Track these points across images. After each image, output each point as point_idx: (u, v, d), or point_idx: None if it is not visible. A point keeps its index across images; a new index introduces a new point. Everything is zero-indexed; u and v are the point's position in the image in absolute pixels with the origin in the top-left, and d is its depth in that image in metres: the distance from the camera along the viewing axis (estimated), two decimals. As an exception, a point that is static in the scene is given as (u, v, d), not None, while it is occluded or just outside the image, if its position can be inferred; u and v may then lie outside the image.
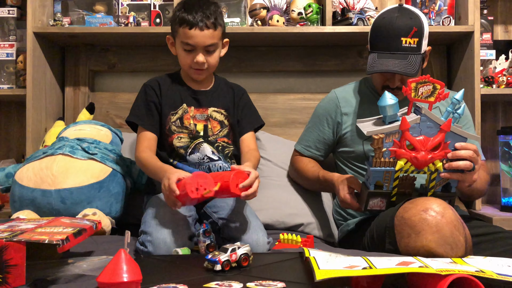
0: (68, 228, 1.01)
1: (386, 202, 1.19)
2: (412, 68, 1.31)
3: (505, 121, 2.11)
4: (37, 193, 1.37)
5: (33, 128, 1.80)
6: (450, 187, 1.22)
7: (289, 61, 2.04)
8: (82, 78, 2.03)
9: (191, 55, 1.36)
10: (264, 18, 1.86)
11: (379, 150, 1.14)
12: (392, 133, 1.14)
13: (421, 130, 1.14)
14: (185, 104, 1.42)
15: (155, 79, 1.47)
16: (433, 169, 1.16)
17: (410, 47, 1.32)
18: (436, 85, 1.14)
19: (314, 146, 1.55)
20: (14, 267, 0.85)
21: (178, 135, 1.40)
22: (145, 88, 1.45)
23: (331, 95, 1.56)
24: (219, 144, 1.43)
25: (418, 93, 1.13)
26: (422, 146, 1.13)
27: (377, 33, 1.38)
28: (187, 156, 1.40)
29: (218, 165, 1.41)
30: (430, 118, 1.14)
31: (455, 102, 1.16)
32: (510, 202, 1.84)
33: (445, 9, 1.89)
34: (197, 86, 1.46)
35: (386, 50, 1.34)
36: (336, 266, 0.80)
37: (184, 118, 1.41)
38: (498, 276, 0.78)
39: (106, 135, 1.62)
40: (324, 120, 1.53)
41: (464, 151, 1.15)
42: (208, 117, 1.43)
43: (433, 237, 0.99)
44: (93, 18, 1.84)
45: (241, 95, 1.52)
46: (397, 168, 1.15)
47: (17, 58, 1.90)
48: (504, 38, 2.11)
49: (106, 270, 0.74)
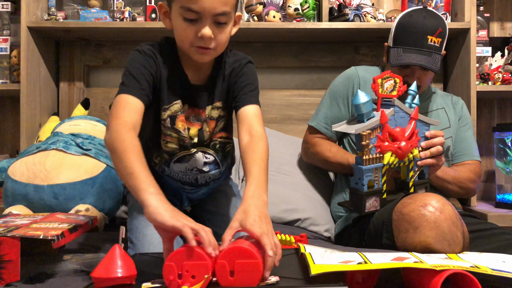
0: (64, 223, 1.01)
1: (380, 200, 1.20)
2: (435, 65, 1.39)
3: (500, 118, 2.12)
4: (29, 188, 1.36)
5: (27, 124, 1.79)
6: (424, 174, 1.28)
7: (285, 57, 2.04)
8: (77, 73, 2.02)
9: (194, 28, 0.98)
10: (261, 13, 1.86)
11: (367, 147, 1.15)
12: (374, 128, 1.16)
13: (396, 121, 1.20)
14: (180, 100, 1.10)
15: (149, 48, 1.07)
16: (411, 157, 1.22)
17: (434, 45, 1.40)
18: (396, 79, 1.19)
19: (331, 124, 1.50)
20: (8, 262, 0.85)
21: (165, 138, 1.12)
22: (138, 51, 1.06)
23: (352, 72, 1.55)
24: (216, 142, 1.17)
25: (383, 88, 1.17)
26: (401, 136, 1.19)
27: (404, 30, 1.43)
28: (172, 163, 1.15)
29: (207, 177, 1.19)
30: (402, 109, 1.21)
31: (413, 94, 1.25)
32: (505, 198, 1.85)
33: (442, 5, 1.89)
34: (195, 74, 1.11)
35: (413, 46, 1.39)
36: (331, 261, 0.80)
37: (177, 118, 1.10)
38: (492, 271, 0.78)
39: (101, 131, 1.61)
40: (341, 99, 1.53)
41: (437, 138, 1.26)
42: (206, 120, 1.14)
43: (431, 232, 0.99)
44: (88, 13, 1.83)
45: (240, 65, 1.13)
46: (385, 162, 1.17)
47: (11, 52, 1.89)
48: (500, 35, 2.11)
49: (100, 265, 0.74)
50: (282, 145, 1.72)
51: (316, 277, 0.73)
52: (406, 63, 1.39)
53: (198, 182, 1.20)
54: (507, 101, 2.12)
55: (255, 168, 0.92)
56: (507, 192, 1.88)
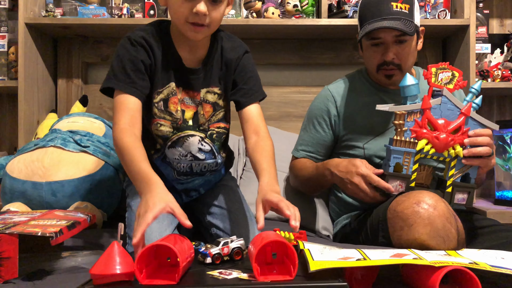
0: (62, 221, 1.01)
1: (406, 186, 1.16)
2: (408, 28, 1.23)
3: (499, 115, 2.12)
4: (27, 185, 1.36)
5: (25, 121, 1.78)
6: (469, 179, 1.20)
7: (284, 54, 2.03)
8: (75, 70, 2.01)
9: (189, 4, 1.02)
10: (259, 10, 1.85)
11: (400, 128, 1.13)
12: (414, 111, 1.13)
13: (442, 112, 1.15)
14: (173, 83, 1.12)
15: (141, 35, 1.08)
16: (453, 154, 1.16)
17: (402, 11, 1.26)
18: (455, 73, 1.15)
19: (315, 150, 1.44)
20: (6, 259, 0.85)
21: (158, 120, 1.12)
22: (130, 41, 1.07)
23: (325, 93, 1.45)
24: (213, 131, 1.18)
25: (437, 78, 1.14)
26: (443, 128, 1.14)
27: (366, 6, 1.30)
28: (166, 149, 1.15)
29: (202, 165, 1.19)
30: (451, 101, 1.15)
31: (474, 92, 1.18)
32: (504, 195, 1.85)
33: (441, 2, 1.89)
34: (189, 56, 1.12)
35: (377, 16, 1.26)
36: (330, 257, 0.80)
37: (170, 101, 1.11)
38: (491, 268, 0.78)
39: (100, 128, 1.61)
40: (321, 118, 1.43)
41: (481, 138, 1.16)
42: (200, 102, 1.15)
43: (425, 229, 0.99)
44: (86, 9, 1.82)
45: (239, 57, 1.16)
46: (418, 148, 1.13)
47: (9, 49, 1.88)
48: (500, 32, 2.11)
49: (99, 262, 0.74)
50: (280, 142, 1.71)
51: (315, 274, 0.73)
52: (370, 29, 1.24)
53: (193, 170, 1.18)
54: (506, 98, 2.12)
55: (266, 164, 1.04)
56: (506, 189, 1.88)
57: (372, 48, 1.31)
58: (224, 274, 0.79)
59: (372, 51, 1.32)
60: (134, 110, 1.03)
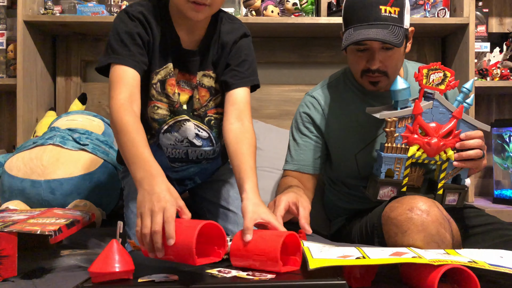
0: (61, 219, 1.01)
1: (397, 192, 1.15)
2: (395, 38, 1.13)
3: (498, 114, 2.12)
4: (26, 184, 1.36)
5: (24, 118, 1.78)
6: (460, 180, 1.19)
7: (283, 52, 2.03)
8: (73, 68, 2.01)
9: None
10: (259, 8, 1.85)
11: (391, 134, 1.12)
12: (405, 117, 1.12)
13: (433, 116, 1.13)
14: (171, 64, 1.07)
15: (139, 10, 1.04)
16: (445, 157, 1.14)
17: (391, 16, 1.15)
18: (447, 73, 1.12)
19: (310, 162, 1.30)
20: (5, 258, 0.85)
21: (155, 103, 1.08)
22: (128, 15, 1.03)
23: (306, 98, 1.34)
24: (211, 117, 1.13)
25: (429, 80, 1.12)
26: (435, 133, 1.12)
27: (352, 6, 1.19)
28: (161, 134, 1.11)
29: (199, 153, 1.15)
30: (443, 104, 1.13)
31: (466, 92, 1.15)
32: (502, 194, 1.86)
33: (441, 1, 1.89)
34: (187, 38, 1.08)
35: (364, 21, 1.15)
36: (329, 255, 0.80)
37: (167, 82, 1.07)
38: (490, 267, 0.78)
39: (99, 126, 1.61)
40: (308, 124, 1.32)
41: (473, 140, 1.13)
42: (196, 86, 1.11)
43: (419, 236, 0.98)
44: (85, 7, 1.81)
45: (236, 39, 1.11)
46: (409, 154, 1.12)
47: (7, 47, 1.88)
48: (499, 30, 2.11)
49: (98, 260, 0.74)
50: (279, 140, 1.71)
51: (314, 272, 0.73)
52: (355, 40, 1.13)
53: (189, 157, 1.15)
54: (505, 97, 2.12)
55: (249, 166, 0.95)
56: (504, 187, 1.88)
57: (357, 53, 1.20)
58: (223, 273, 0.79)
59: (357, 57, 1.21)
60: (133, 85, 0.97)
